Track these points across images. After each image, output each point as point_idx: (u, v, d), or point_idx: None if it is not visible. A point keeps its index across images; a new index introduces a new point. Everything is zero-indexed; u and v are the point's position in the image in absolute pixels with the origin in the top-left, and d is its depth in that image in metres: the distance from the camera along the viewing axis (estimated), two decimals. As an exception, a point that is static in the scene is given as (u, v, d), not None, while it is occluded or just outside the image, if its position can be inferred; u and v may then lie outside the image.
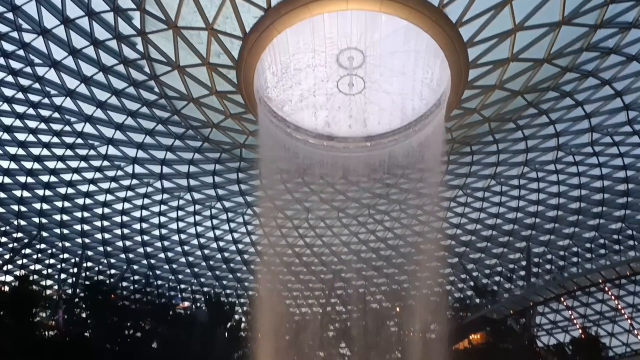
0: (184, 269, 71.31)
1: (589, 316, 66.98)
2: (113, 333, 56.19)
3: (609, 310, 65.75)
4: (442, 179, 53.72)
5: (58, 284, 67.79)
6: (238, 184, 56.43)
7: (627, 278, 54.87)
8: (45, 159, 49.69)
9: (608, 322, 65.98)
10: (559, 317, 70.03)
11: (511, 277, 69.39)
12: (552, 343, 67.08)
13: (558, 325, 70.12)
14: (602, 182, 52.86)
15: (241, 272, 72.89)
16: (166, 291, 72.90)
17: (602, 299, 65.38)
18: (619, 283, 59.98)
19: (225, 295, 73.82)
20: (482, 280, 70.27)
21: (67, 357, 48.65)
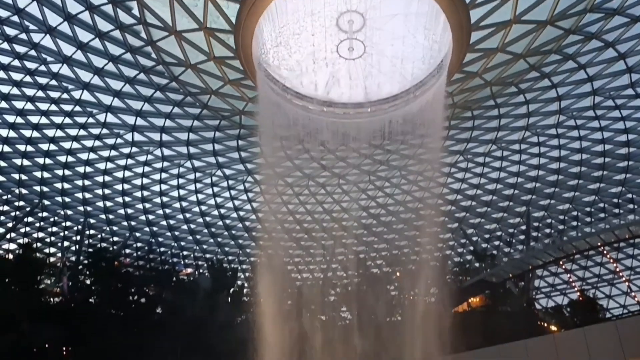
0: (186, 236, 71.89)
1: (587, 279, 67.84)
2: (118, 299, 56.95)
3: (607, 273, 66.56)
4: (442, 144, 53.59)
5: (61, 252, 68.45)
6: (238, 151, 56.34)
7: (626, 241, 55.28)
8: (44, 127, 49.48)
9: (606, 285, 66.92)
10: (557, 280, 70.97)
11: (511, 241, 69.97)
12: (550, 305, 68.08)
13: (556, 288, 71.11)
14: (603, 145, 52.74)
15: (243, 239, 73.53)
16: (169, 258, 73.63)
17: (600, 262, 66.09)
18: (618, 246, 60.50)
19: (228, 262, 74.69)
20: (481, 245, 70.89)
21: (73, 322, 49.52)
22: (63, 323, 45.85)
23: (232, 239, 72.94)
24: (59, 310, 52.79)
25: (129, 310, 58.69)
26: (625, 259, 63.92)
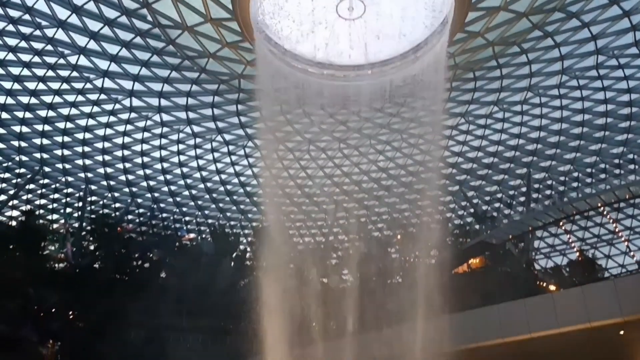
0: (187, 201, 72.13)
1: (586, 239, 68.28)
2: (121, 264, 57.59)
3: (606, 233, 66.91)
4: (444, 106, 53.15)
5: (64, 218, 68.86)
6: (238, 116, 55.99)
7: (626, 201, 55.39)
8: (41, 94, 49.07)
9: (605, 245, 67.37)
10: (557, 241, 71.43)
11: (511, 203, 70.18)
12: (549, 266, 68.76)
13: (556, 249, 71.67)
14: (605, 106, 52.28)
15: (244, 204, 73.79)
16: (171, 223, 74.08)
17: (600, 223, 66.37)
18: (618, 207, 60.68)
19: (230, 227, 75.14)
20: (482, 207, 71.12)
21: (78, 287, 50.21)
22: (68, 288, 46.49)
23: (234, 205, 73.22)
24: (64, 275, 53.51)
25: (133, 275, 59.44)
26: (625, 219, 64.18)
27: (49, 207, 67.83)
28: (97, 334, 37.98)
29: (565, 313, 25.72)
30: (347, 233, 77.65)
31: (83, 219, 64.51)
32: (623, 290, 24.36)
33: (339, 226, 78.07)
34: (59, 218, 69.48)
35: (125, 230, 66.58)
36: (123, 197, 69.03)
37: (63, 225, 68.15)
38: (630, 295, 23.96)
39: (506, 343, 27.69)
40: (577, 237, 68.70)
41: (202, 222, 76.14)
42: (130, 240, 62.46)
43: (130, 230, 68.62)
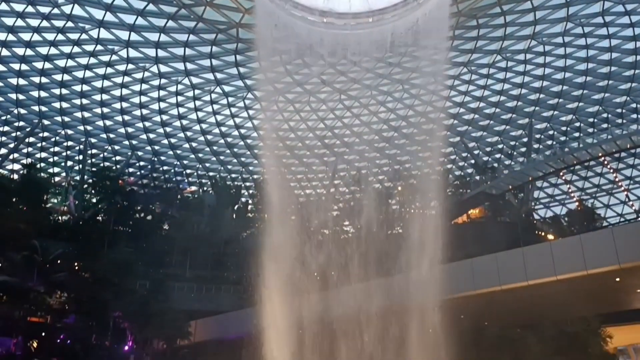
0: (188, 154, 72.08)
1: (586, 189, 68.55)
2: (124, 217, 58.11)
3: (606, 183, 67.08)
4: (446, 55, 52.24)
5: (65, 171, 69.04)
6: (236, 66, 55.18)
7: (627, 151, 55.19)
8: (37, 45, 48.23)
9: (605, 195, 67.67)
10: (556, 191, 71.75)
11: (512, 153, 70.08)
12: (548, 216, 69.29)
13: (555, 199, 72.08)
14: (610, 54, 51.40)
15: (245, 157, 73.75)
16: (172, 176, 74.34)
17: (600, 173, 66.44)
18: (619, 156, 60.57)
19: (231, 179, 75.44)
20: (482, 158, 71.07)
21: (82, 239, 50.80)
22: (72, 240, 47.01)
23: (235, 157, 73.20)
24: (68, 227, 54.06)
25: (136, 227, 60.07)
26: (625, 169, 64.22)
27: (49, 160, 67.86)
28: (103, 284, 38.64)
29: (562, 261, 26.06)
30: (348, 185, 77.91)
31: (84, 172, 64.67)
32: (620, 238, 24.58)
33: (340, 178, 78.31)
34: (60, 171, 69.66)
35: (127, 183, 66.80)
36: (123, 150, 68.96)
37: (65, 179, 68.40)
38: (627, 243, 24.21)
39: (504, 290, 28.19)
40: (577, 187, 68.97)
41: (203, 174, 76.35)
42: (132, 192, 62.72)
43: (131, 183, 68.86)
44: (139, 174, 72.95)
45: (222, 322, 42.57)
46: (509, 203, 62.68)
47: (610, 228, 38.53)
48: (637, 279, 25.16)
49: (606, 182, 67.26)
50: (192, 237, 56.57)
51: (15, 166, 65.30)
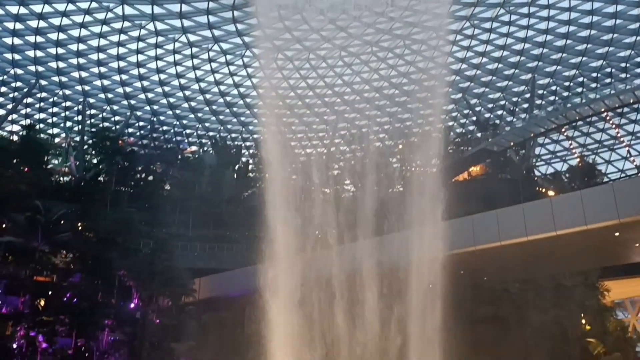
0: (187, 114, 71.64)
1: (587, 145, 68.32)
2: (125, 177, 58.21)
3: (608, 138, 66.80)
4: (449, 9, 51.11)
5: (65, 132, 68.75)
6: (234, 23, 54.14)
7: (630, 106, 54.70)
8: (31, 3, 47.23)
9: (606, 150, 67.45)
10: (558, 147, 71.52)
11: (514, 110, 69.51)
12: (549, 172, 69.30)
13: (557, 155, 71.92)
14: (615, 6, 50.25)
15: (245, 116, 73.29)
16: (172, 136, 74.02)
17: (602, 128, 66.07)
18: (622, 111, 60.08)
19: (231, 139, 75.16)
20: (484, 115, 70.57)
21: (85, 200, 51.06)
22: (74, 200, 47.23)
23: (234, 116, 72.76)
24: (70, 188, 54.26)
25: (138, 187, 60.27)
26: (627, 124, 63.85)
27: (48, 121, 67.52)
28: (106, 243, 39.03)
29: (562, 216, 26.16)
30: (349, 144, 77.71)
31: (84, 132, 64.39)
32: (620, 193, 24.60)
33: (341, 137, 78.03)
34: (59, 132, 69.40)
35: (127, 144, 66.61)
36: (122, 110, 68.49)
37: (64, 139, 68.16)
38: (628, 198, 24.23)
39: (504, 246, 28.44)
40: (579, 143, 68.73)
41: (202, 134, 76.02)
42: (133, 153, 62.63)
43: (131, 144, 68.67)
44: (138, 134, 72.68)
45: (227, 280, 43.13)
46: (510, 160, 62.60)
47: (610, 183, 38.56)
48: (636, 233, 25.32)
49: (608, 138, 66.98)
50: (194, 197, 56.80)
51: (14, 127, 65.06)
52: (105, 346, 38.58)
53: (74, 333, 36.80)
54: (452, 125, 73.96)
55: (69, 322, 36.57)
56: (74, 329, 36.73)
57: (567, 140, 68.83)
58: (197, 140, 77.12)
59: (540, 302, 37.21)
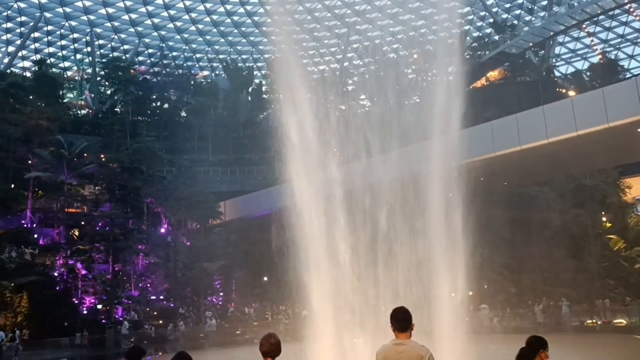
0: (196, 37, 70.22)
1: (610, 41, 65.62)
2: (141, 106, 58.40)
3: (631, 32, 63.92)
4: None
5: (76, 65, 68.31)
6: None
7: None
8: None
9: (629, 45, 64.83)
10: (579, 45, 68.92)
11: (532, 8, 66.47)
12: (570, 72, 67.29)
13: (577, 54, 69.47)
14: None
15: (254, 36, 71.58)
16: (183, 62, 73.05)
17: (626, 21, 63.12)
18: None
19: (242, 61, 73.94)
20: (501, 16, 67.76)
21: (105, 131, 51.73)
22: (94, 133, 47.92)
23: (243, 37, 71.13)
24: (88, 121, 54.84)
25: (154, 115, 60.57)
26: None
27: (58, 54, 66.92)
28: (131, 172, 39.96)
29: (583, 116, 25.88)
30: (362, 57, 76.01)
31: (94, 64, 63.94)
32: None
33: (353, 50, 76.18)
34: (71, 65, 68.95)
35: (139, 72, 66.17)
36: (130, 39, 67.38)
37: (77, 72, 67.86)
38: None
39: (524, 150, 28.42)
40: (600, 39, 66.06)
41: (213, 58, 74.80)
42: (145, 81, 62.38)
43: (143, 72, 68.16)
44: (148, 62, 71.84)
45: (251, 201, 44.25)
46: (529, 62, 60.87)
47: (633, 79, 37.48)
48: (659, 128, 25.03)
49: (631, 32, 64.10)
50: (211, 122, 56.99)
51: (25, 64, 64.75)
52: (141, 269, 40.63)
53: (110, 259, 38.73)
54: (468, 30, 71.38)
55: (104, 249, 38.38)
56: (109, 256, 38.63)
57: (588, 37, 66.22)
58: (208, 65, 76.05)
59: (561, 202, 37.62)
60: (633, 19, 61.28)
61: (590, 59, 67.58)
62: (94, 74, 63.48)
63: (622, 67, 59.06)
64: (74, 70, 68.60)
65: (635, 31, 63.50)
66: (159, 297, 40.42)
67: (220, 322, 37.40)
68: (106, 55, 65.73)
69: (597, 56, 64.33)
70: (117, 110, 58.09)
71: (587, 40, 67.07)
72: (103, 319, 36.26)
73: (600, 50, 64.46)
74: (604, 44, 65.77)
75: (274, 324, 35.52)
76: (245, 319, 38.94)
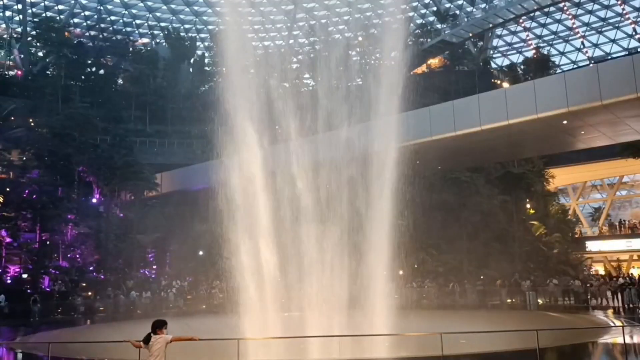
0: (136, 2, 67.56)
1: (543, 37, 68.75)
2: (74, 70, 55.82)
3: (564, 29, 67.20)
4: None
5: (5, 22, 64.00)
6: None
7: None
8: None
9: (561, 42, 68.16)
10: (515, 39, 71.76)
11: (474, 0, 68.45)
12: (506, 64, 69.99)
13: (513, 47, 72.34)
14: None
15: (198, 5, 69.74)
16: (122, 27, 70.13)
17: (559, 19, 66.26)
18: (579, 1, 60.12)
19: (185, 30, 71.88)
20: (445, 5, 69.31)
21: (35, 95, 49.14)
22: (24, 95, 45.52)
23: (187, 5, 69.12)
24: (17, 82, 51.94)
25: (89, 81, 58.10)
26: (583, 15, 64.15)
27: (-15, 10, 62.66)
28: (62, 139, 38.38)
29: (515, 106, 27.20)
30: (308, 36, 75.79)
31: (26, 23, 60.20)
32: (571, 83, 25.59)
33: (299, 28, 75.78)
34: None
35: (74, 35, 62.95)
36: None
37: (5, 30, 63.63)
38: (577, 87, 25.26)
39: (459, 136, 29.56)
40: (535, 35, 69.06)
41: (154, 25, 72.24)
42: (81, 45, 59.51)
43: (78, 35, 64.89)
44: (85, 24, 68.40)
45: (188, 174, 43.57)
46: (468, 52, 62.81)
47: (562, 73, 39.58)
48: (582, 121, 26.67)
49: (563, 29, 67.40)
50: (149, 92, 55.36)
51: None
52: (70, 239, 39.27)
53: (37, 228, 37.22)
54: (412, 16, 72.58)
55: (31, 217, 36.81)
56: (37, 224, 37.10)
57: (524, 32, 69.03)
58: (149, 32, 73.41)
59: (490, 189, 39.50)
60: (566, 17, 64.38)
61: (525, 53, 70.59)
62: (25, 33, 59.80)
63: (553, 63, 62.00)
64: (2, 28, 64.33)
65: (567, 29, 66.78)
66: (89, 268, 39.29)
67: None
68: (39, 14, 61.96)
69: (532, 51, 67.23)
70: (49, 73, 55.22)
71: (523, 34, 69.92)
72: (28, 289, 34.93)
73: (535, 45, 67.39)
74: (539, 40, 68.84)
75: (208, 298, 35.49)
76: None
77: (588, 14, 63.63)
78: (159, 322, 8.24)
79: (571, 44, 67.55)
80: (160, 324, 8.21)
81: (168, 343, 8.15)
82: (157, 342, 8.02)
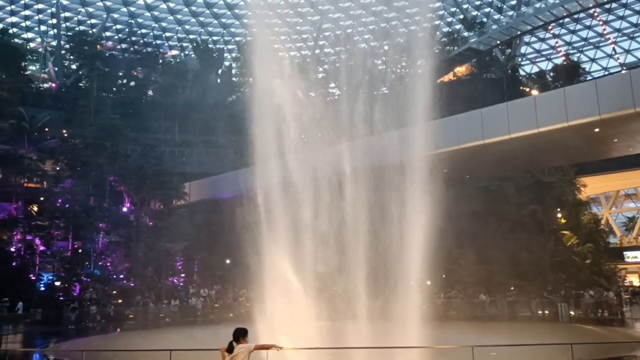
0: (166, 16, 68.90)
1: (573, 43, 67.66)
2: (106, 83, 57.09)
3: (594, 36, 66.04)
4: None
5: (40, 36, 66.07)
6: None
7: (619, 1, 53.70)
8: None
9: (591, 48, 66.97)
10: (544, 45, 70.78)
11: (501, 7, 67.85)
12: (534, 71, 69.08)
13: (542, 54, 71.39)
14: None
15: (226, 18, 70.75)
16: (152, 40, 71.60)
17: (589, 25, 65.14)
18: (609, 7, 59.05)
19: (213, 42, 73.00)
20: (471, 13, 68.89)
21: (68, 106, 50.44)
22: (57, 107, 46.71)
23: (215, 18, 70.20)
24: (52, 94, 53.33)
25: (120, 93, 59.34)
26: (614, 21, 62.97)
27: (22, 25, 64.60)
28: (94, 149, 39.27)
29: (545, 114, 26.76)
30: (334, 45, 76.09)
31: (60, 37, 62.03)
32: (602, 90, 25.10)
33: (325, 39, 76.18)
34: (34, 37, 66.66)
35: (106, 48, 64.55)
36: (98, 13, 65.62)
37: (40, 44, 65.65)
38: (609, 94, 24.76)
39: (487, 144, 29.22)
40: (564, 41, 68.02)
41: (183, 37, 73.56)
42: (112, 57, 60.92)
43: (110, 48, 66.51)
44: (116, 37, 70.12)
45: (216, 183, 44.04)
46: (495, 59, 62.18)
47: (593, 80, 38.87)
48: (615, 129, 26.12)
49: (594, 35, 66.23)
50: (178, 103, 56.25)
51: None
52: (102, 248, 40.06)
53: (70, 236, 38.07)
54: (438, 25, 72.33)
55: (64, 225, 37.71)
56: (69, 232, 37.97)
57: (553, 39, 68.07)
58: (178, 44, 74.75)
59: (519, 198, 38.85)
60: (596, 23, 63.28)
61: (554, 60, 69.56)
62: (59, 46, 61.54)
63: (583, 70, 60.94)
64: (37, 42, 66.37)
65: (597, 35, 65.60)
66: (119, 276, 39.98)
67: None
68: (72, 28, 63.78)
69: (561, 58, 66.21)
70: (82, 85, 56.59)
71: (552, 41, 68.95)
72: (61, 296, 35.69)
73: (564, 52, 66.37)
74: (568, 46, 67.75)
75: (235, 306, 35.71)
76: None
77: (619, 19, 62.45)
78: (241, 330, 8.19)
79: (602, 50, 66.34)
80: (242, 332, 8.17)
81: (251, 352, 8.15)
82: (241, 351, 8.02)
